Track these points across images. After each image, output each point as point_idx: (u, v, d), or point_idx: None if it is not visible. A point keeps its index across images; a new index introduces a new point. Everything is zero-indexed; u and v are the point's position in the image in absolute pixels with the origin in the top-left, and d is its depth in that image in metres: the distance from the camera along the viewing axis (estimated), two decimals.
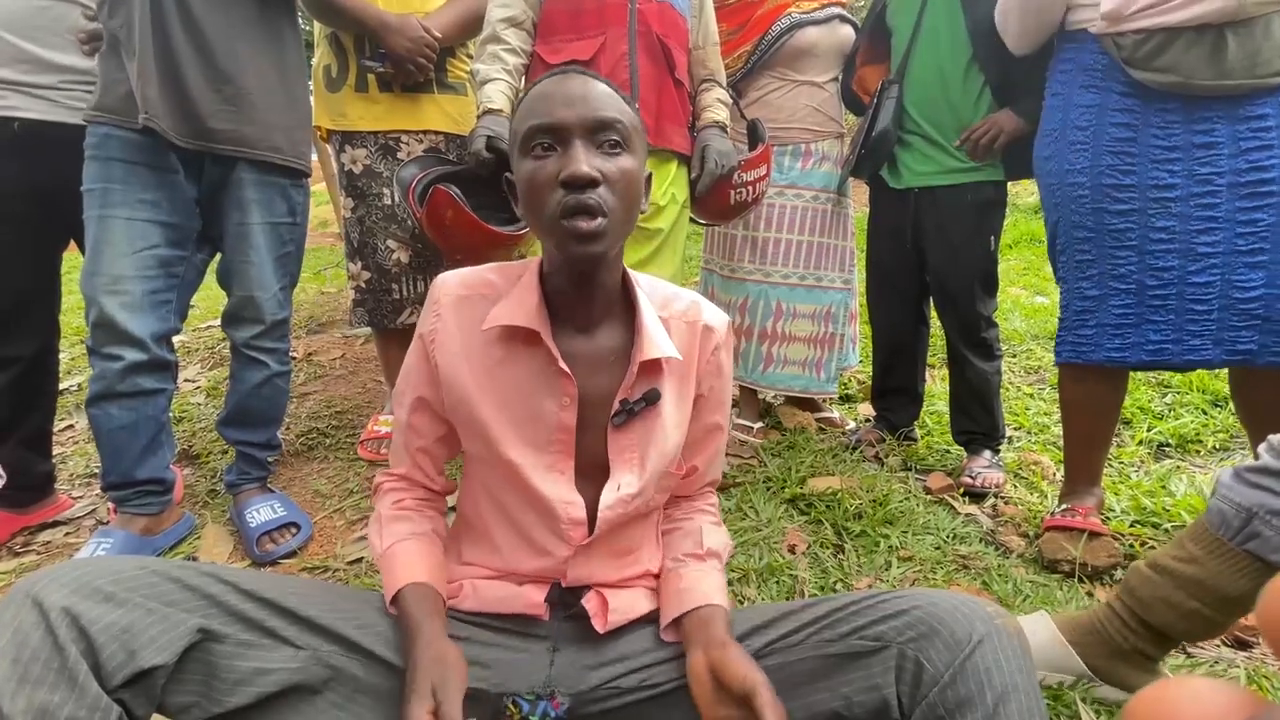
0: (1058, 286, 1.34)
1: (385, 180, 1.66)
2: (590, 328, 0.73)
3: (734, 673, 0.61)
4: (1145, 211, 1.18)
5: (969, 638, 0.57)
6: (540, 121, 0.65)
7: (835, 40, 1.79)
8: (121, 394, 1.27)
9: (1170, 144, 1.16)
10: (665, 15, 1.44)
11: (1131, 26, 1.15)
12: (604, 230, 0.64)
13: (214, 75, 1.26)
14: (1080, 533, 1.28)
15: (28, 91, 1.38)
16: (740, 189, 1.56)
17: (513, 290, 0.72)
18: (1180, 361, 1.20)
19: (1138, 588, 0.90)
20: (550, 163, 0.65)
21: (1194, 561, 0.85)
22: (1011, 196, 1.75)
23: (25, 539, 1.51)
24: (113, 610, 0.52)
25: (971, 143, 1.55)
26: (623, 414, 0.71)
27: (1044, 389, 2.21)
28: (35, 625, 0.50)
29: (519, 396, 0.71)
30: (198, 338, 2.92)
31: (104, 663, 0.51)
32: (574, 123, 0.65)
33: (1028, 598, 1.19)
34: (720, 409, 0.81)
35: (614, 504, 0.71)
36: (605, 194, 0.64)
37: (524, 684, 0.68)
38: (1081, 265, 1.26)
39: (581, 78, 0.68)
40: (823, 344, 1.88)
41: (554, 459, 0.71)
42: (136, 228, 1.26)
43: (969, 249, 1.60)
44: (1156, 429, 1.85)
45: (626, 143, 0.67)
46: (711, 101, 1.57)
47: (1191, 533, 0.87)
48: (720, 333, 0.79)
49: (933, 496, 1.58)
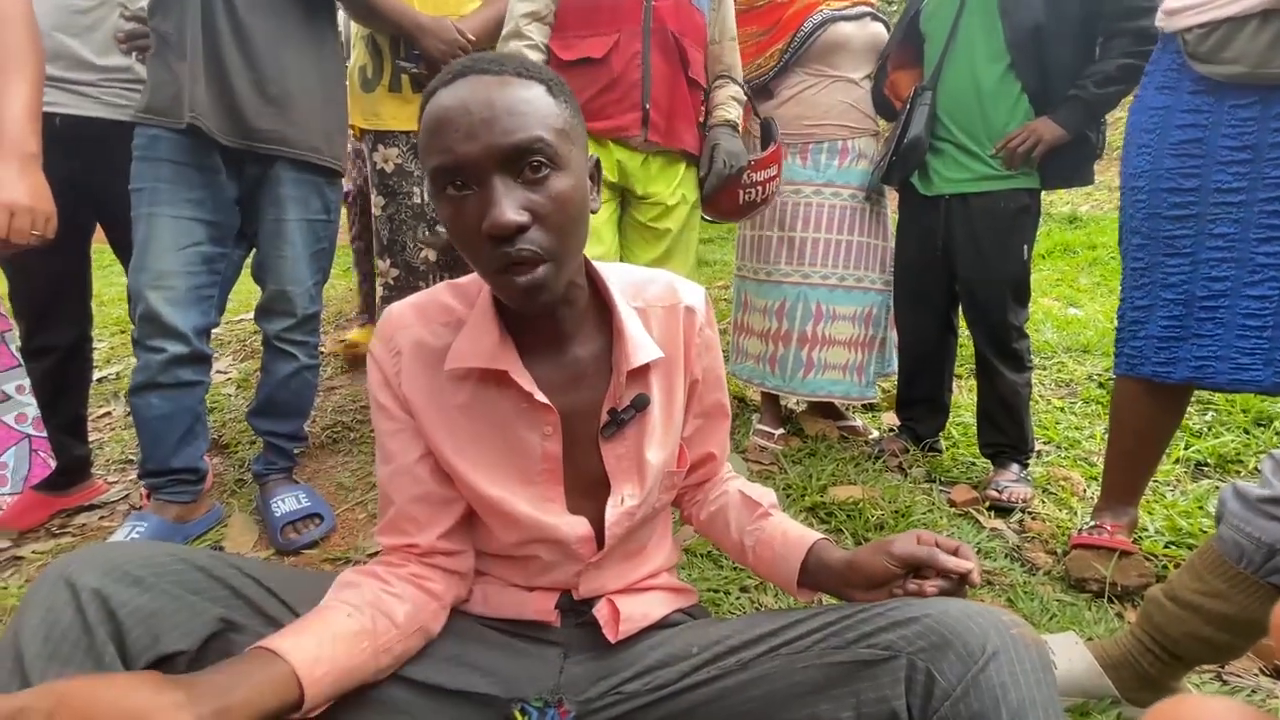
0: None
1: (416, 179, 1.69)
2: (562, 342, 0.68)
3: (902, 548, 0.65)
4: (1204, 217, 1.13)
5: (982, 649, 0.54)
6: (444, 161, 0.55)
7: (868, 35, 1.77)
8: (162, 385, 1.31)
9: (1241, 144, 1.10)
10: (682, 11, 1.41)
11: (1190, 22, 1.11)
12: (546, 278, 0.57)
13: (258, 78, 1.31)
14: (1109, 551, 1.24)
15: (69, 88, 1.43)
16: (750, 189, 1.54)
17: (471, 317, 0.66)
18: (1226, 381, 1.14)
19: (1165, 625, 0.87)
20: (469, 206, 0.56)
21: (1219, 596, 0.82)
22: (1045, 205, 1.72)
23: (62, 521, 1.56)
24: (141, 595, 0.54)
25: (1009, 151, 1.52)
26: (612, 425, 0.69)
27: (1075, 403, 2.15)
28: (67, 605, 0.51)
29: (496, 432, 0.67)
30: (230, 330, 2.99)
31: (129, 645, 0.52)
32: (482, 157, 0.55)
33: (1054, 616, 1.16)
34: (719, 387, 0.79)
35: (619, 519, 0.70)
36: (538, 235, 0.56)
37: (532, 690, 0.67)
38: (1135, 273, 1.23)
39: (484, 86, 0.56)
40: (864, 347, 1.84)
41: (543, 488, 0.69)
42: (182, 225, 1.30)
43: (1002, 258, 1.57)
44: (1195, 447, 1.79)
45: (555, 159, 0.57)
46: (725, 99, 1.53)
47: (1209, 564, 0.84)
48: (701, 310, 0.74)
49: (957, 510, 1.55)
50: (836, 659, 0.61)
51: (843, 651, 0.61)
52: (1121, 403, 1.30)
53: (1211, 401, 2.02)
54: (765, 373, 1.89)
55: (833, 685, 0.61)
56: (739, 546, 0.78)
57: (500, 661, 0.69)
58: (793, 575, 0.72)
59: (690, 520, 0.86)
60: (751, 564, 0.77)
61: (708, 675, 0.65)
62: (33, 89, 1.06)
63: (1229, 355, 1.13)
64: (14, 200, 1.01)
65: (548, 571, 0.72)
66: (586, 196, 0.62)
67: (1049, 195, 1.69)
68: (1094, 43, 1.50)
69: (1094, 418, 2.01)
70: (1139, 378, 1.23)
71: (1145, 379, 1.22)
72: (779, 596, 1.21)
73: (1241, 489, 0.82)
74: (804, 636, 0.64)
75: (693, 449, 0.79)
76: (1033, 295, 1.73)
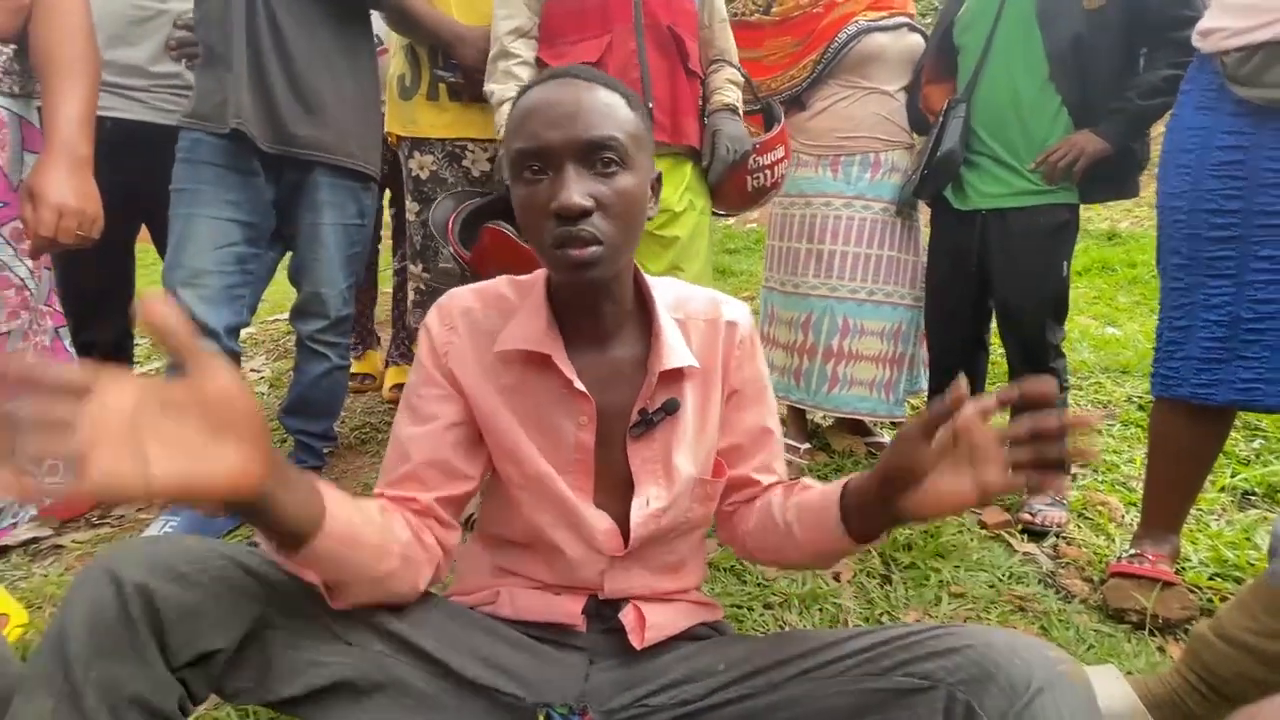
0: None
1: (450, 186, 1.71)
2: (604, 340, 0.71)
3: (918, 420, 0.59)
4: (1248, 239, 1.10)
5: (1027, 685, 0.52)
6: (527, 145, 0.62)
7: (904, 47, 1.75)
8: None
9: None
10: (672, 1, 1.37)
11: (1227, 44, 1.08)
12: (598, 258, 0.62)
13: (298, 87, 1.35)
14: (1150, 581, 1.20)
15: (121, 93, 1.49)
16: (758, 174, 1.49)
17: (524, 306, 0.71)
18: (1274, 403, 1.11)
19: (1214, 664, 0.83)
20: (542, 189, 0.62)
21: (1276, 637, 0.78)
22: (1083, 221, 1.67)
23: (101, 511, 1.61)
24: (184, 591, 0.54)
25: (1049, 165, 1.48)
26: (641, 425, 0.70)
27: (1113, 425, 2.08)
28: (112, 599, 0.52)
29: (535, 417, 0.70)
30: (264, 330, 3.06)
31: (170, 641, 0.53)
32: (562, 146, 0.61)
33: (1092, 647, 1.11)
34: (761, 405, 0.77)
35: (644, 520, 0.70)
36: (599, 221, 0.62)
37: (558, 696, 0.67)
38: (1174, 294, 1.20)
39: (574, 87, 0.63)
40: (892, 364, 1.80)
41: (574, 478, 0.71)
42: (219, 226, 1.34)
43: (1040, 274, 1.53)
44: (1242, 475, 1.71)
45: (624, 159, 0.63)
46: (722, 83, 1.48)
47: (1263, 602, 0.80)
48: (745, 325, 0.76)
49: (988, 532, 1.51)
50: (871, 685, 0.59)
51: (879, 679, 0.59)
52: (1160, 425, 1.26)
53: (1260, 428, 1.94)
54: (790, 386, 1.87)
55: (866, 713, 0.59)
56: (786, 532, 0.71)
57: (526, 665, 0.68)
58: (837, 523, 0.65)
59: (738, 540, 0.80)
60: (801, 541, 0.70)
61: (736, 694, 0.64)
62: (88, 95, 1.10)
63: (1277, 378, 1.10)
64: (63, 201, 1.05)
65: (573, 570, 0.72)
66: (646, 199, 0.67)
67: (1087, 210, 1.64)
68: (1135, 54, 1.46)
69: (1133, 441, 1.94)
70: (1177, 399, 1.19)
71: (1184, 400, 1.18)
72: (804, 614, 1.19)
73: None
74: (838, 660, 0.62)
75: (733, 466, 0.78)
76: (1070, 313, 1.68)
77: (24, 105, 1.13)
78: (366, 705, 0.62)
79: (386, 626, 0.64)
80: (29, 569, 1.37)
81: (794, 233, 1.85)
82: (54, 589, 1.28)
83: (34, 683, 0.50)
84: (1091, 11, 1.43)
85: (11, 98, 1.10)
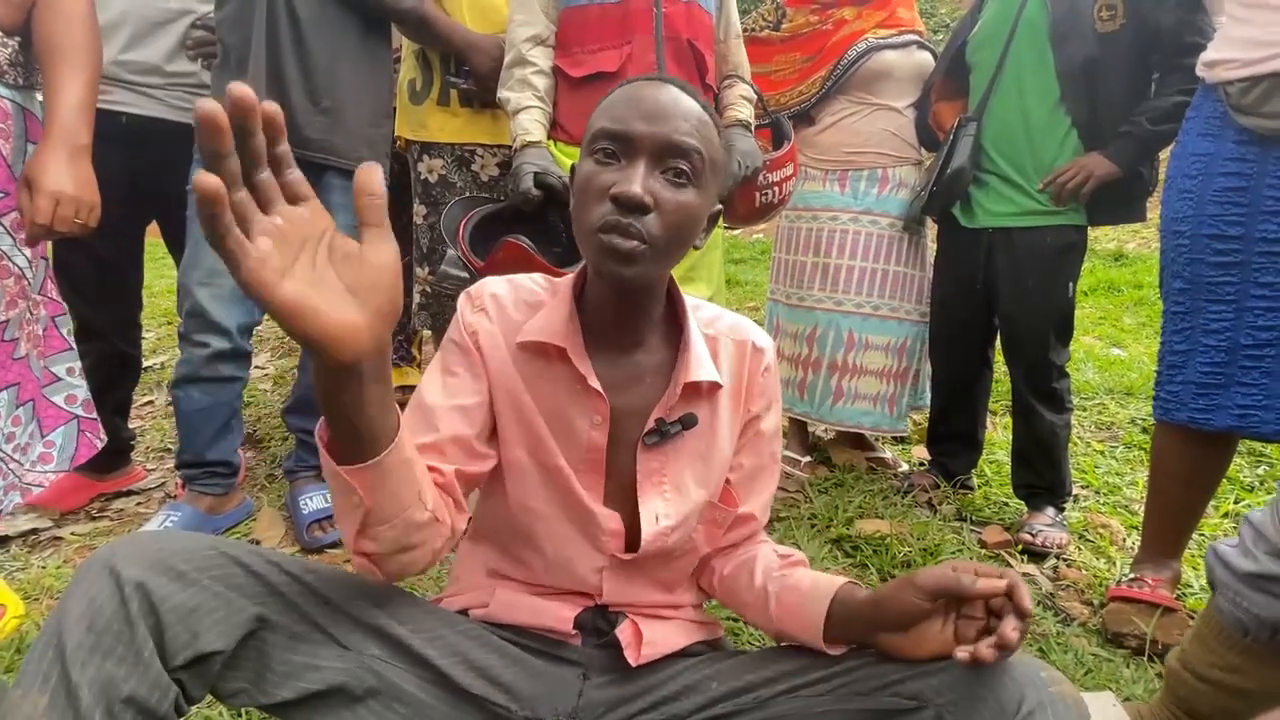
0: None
1: (458, 190, 1.72)
2: (628, 345, 0.71)
3: (927, 577, 0.57)
4: (1249, 265, 1.11)
5: (1018, 706, 0.51)
6: (611, 126, 0.62)
7: (913, 64, 1.76)
8: (204, 378, 1.36)
9: None
10: (693, 15, 1.37)
11: (1230, 75, 1.10)
12: (639, 254, 0.61)
13: (314, 90, 1.37)
14: (1150, 606, 1.19)
15: (138, 89, 1.51)
16: (767, 190, 1.51)
17: (551, 301, 0.71)
18: (1271, 430, 1.11)
19: (1192, 699, 0.84)
20: (608, 173, 0.62)
21: (1237, 671, 0.79)
22: (1090, 241, 1.67)
23: (101, 505, 1.61)
24: (183, 590, 0.54)
25: (1057, 186, 1.48)
26: (656, 434, 0.69)
27: (1116, 447, 2.07)
28: (111, 596, 0.51)
29: (551, 412, 0.70)
30: (270, 327, 3.07)
31: (168, 642, 0.52)
32: (644, 139, 0.61)
33: (1090, 672, 1.11)
34: (775, 440, 0.78)
35: (654, 537, 0.70)
36: (653, 222, 0.61)
37: (549, 711, 0.66)
38: (1175, 317, 1.20)
39: (675, 94, 0.63)
40: (896, 379, 1.80)
41: (585, 476, 0.70)
42: None
43: (1046, 294, 1.53)
44: (1245, 501, 1.70)
45: (696, 176, 0.63)
46: (735, 99, 1.50)
47: (1217, 636, 0.81)
48: (769, 354, 0.76)
49: (988, 551, 1.50)
50: (859, 705, 0.59)
51: (866, 698, 0.59)
52: (1161, 449, 1.26)
53: (1265, 454, 1.93)
54: (794, 398, 1.87)
55: None
56: (762, 595, 0.71)
57: (520, 678, 0.68)
58: (819, 622, 0.64)
59: (707, 581, 0.79)
60: (774, 614, 0.69)
61: (724, 711, 0.64)
62: (88, 83, 1.10)
63: (1275, 405, 1.10)
64: (60, 189, 1.05)
65: (571, 569, 0.71)
66: (700, 224, 0.66)
67: (1094, 231, 1.64)
68: (1147, 78, 1.47)
69: (1136, 464, 1.93)
70: (1176, 423, 1.19)
71: (1183, 425, 1.18)
72: None
73: (1225, 557, 0.78)
74: (826, 679, 0.61)
75: (741, 500, 0.77)
76: (1075, 334, 1.68)
77: (27, 97, 1.13)
78: (359, 711, 0.61)
79: (384, 630, 0.64)
80: (27, 560, 1.38)
81: (800, 246, 1.86)
82: (52, 581, 1.28)
83: (30, 677, 0.50)
84: (1104, 35, 1.43)
85: (15, 89, 1.10)
